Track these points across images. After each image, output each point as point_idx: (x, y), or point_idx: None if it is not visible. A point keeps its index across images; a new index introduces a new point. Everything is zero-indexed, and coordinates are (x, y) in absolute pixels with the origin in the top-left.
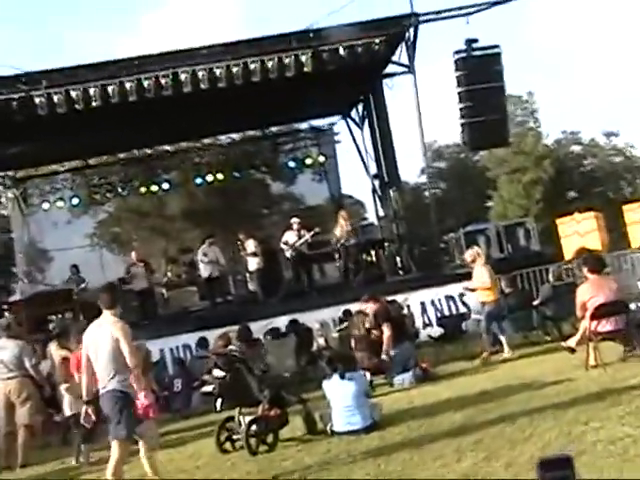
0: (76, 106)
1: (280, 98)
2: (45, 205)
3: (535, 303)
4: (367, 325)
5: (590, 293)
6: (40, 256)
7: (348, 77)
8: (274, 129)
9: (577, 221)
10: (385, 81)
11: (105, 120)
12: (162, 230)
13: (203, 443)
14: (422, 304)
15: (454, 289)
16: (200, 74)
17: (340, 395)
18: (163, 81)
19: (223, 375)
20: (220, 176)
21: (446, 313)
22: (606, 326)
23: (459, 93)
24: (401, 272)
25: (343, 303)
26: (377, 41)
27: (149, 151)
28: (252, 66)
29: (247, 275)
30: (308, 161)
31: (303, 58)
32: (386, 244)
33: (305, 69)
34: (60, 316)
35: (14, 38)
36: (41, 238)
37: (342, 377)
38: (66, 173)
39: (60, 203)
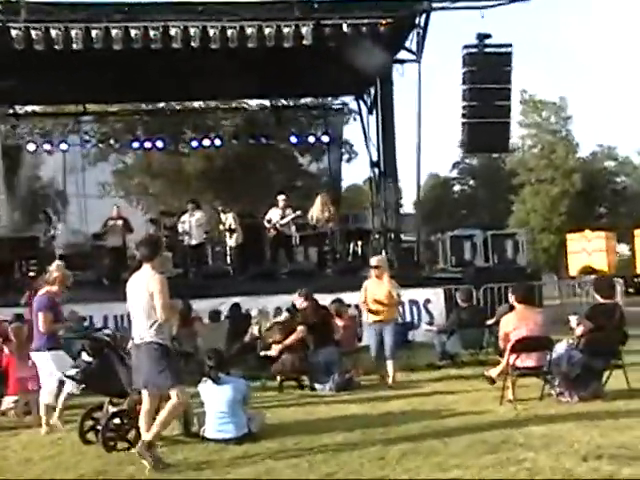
0: (56, 46)
1: (287, 69)
2: (30, 146)
3: (489, 322)
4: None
5: (514, 324)
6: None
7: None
8: (283, 102)
9: (588, 239)
10: (396, 66)
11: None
12: (176, 188)
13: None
14: None
15: (422, 294)
16: (192, 31)
17: (214, 400)
18: (152, 33)
19: (90, 360)
20: (218, 141)
21: (407, 318)
22: (526, 361)
23: (463, 90)
24: None
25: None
26: (383, 22)
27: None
28: (249, 31)
29: (227, 248)
30: (311, 139)
31: (303, 30)
32: (376, 236)
33: (304, 42)
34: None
35: None
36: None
37: (215, 382)
38: (56, 117)
39: (47, 146)
